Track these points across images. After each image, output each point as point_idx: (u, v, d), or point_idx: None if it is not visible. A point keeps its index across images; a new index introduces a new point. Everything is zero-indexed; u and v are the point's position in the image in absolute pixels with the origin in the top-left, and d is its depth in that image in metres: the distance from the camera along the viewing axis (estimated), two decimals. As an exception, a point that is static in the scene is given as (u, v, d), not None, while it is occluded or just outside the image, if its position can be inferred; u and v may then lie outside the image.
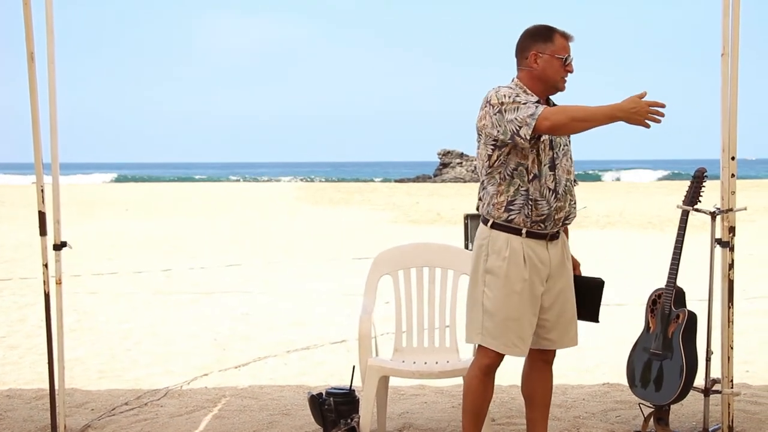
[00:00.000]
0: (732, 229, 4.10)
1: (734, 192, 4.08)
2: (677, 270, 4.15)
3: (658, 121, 3.20)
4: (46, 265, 4.30)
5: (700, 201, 4.20)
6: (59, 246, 4.30)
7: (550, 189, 3.47)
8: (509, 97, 3.39)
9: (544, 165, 3.46)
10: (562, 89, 3.54)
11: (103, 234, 16.11)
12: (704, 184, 4.21)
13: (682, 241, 4.16)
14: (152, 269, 11.33)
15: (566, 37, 3.52)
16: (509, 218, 3.45)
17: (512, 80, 3.56)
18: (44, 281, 4.33)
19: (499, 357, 3.53)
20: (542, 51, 3.48)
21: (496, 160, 3.47)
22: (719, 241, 4.11)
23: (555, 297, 3.57)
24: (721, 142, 4.06)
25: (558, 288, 3.57)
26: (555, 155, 3.50)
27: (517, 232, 3.45)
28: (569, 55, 3.50)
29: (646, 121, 3.19)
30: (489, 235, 3.51)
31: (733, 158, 4.04)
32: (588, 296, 3.71)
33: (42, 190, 4.23)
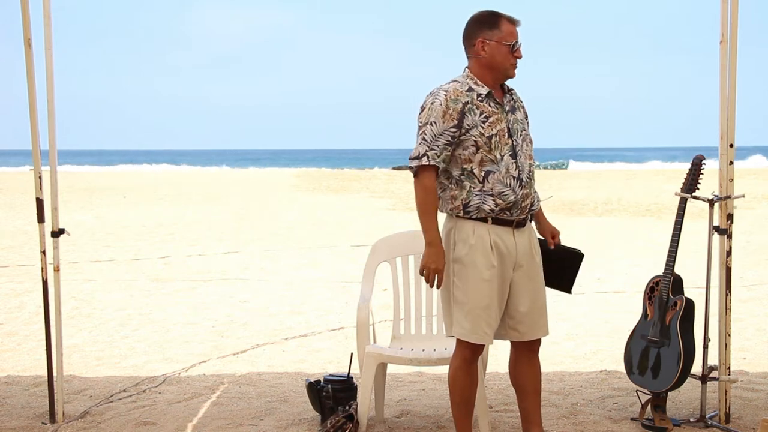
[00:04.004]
0: (730, 217, 4.11)
1: (732, 179, 4.08)
2: (675, 257, 4.15)
3: (430, 284, 3.44)
4: (44, 252, 4.30)
5: (698, 188, 4.19)
6: (57, 233, 4.30)
7: (514, 177, 3.41)
8: (426, 117, 3.40)
9: (504, 155, 3.40)
10: (512, 76, 3.49)
11: (101, 221, 16.09)
12: (702, 171, 4.21)
13: (680, 228, 4.16)
14: (150, 256, 11.33)
15: (513, 23, 3.45)
16: (471, 215, 3.42)
17: (464, 70, 3.50)
18: (42, 268, 4.33)
19: (480, 346, 3.52)
20: (489, 38, 3.42)
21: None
22: (717, 229, 4.12)
23: (523, 287, 3.50)
24: (719, 129, 4.06)
25: (526, 277, 3.51)
26: (515, 142, 3.44)
27: (482, 219, 3.42)
28: (517, 41, 3.43)
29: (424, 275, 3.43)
30: (455, 224, 3.47)
31: (731, 145, 4.04)
32: (567, 266, 3.67)
33: (40, 177, 4.23)
